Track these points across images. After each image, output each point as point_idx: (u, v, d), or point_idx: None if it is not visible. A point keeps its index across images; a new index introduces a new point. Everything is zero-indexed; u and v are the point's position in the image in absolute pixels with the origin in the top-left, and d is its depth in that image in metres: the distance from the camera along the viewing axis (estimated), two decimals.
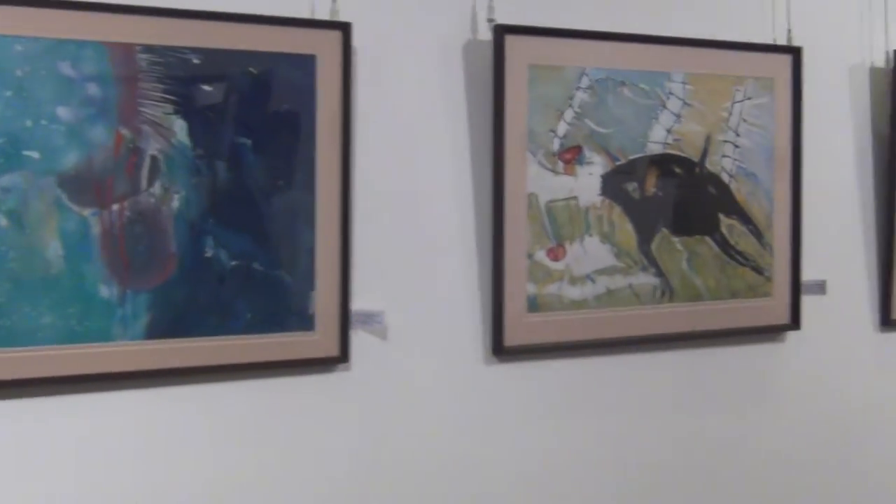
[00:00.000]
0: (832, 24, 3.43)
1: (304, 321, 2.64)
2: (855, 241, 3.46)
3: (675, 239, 3.10)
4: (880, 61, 3.48)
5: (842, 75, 3.44)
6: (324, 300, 2.65)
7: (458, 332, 2.85)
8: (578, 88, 2.95)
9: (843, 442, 3.46)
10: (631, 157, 3.03)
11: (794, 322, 3.31)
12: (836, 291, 3.41)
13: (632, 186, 3.03)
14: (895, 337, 3.53)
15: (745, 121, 3.20)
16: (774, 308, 3.28)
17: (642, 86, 3.04)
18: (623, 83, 3.01)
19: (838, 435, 3.45)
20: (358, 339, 2.72)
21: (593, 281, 2.99)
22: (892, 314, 3.49)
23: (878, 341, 3.51)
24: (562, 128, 2.93)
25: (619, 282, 3.02)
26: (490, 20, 2.86)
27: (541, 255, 2.91)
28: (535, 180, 2.89)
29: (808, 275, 3.34)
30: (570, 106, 2.94)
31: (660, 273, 3.08)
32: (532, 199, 2.89)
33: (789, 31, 3.30)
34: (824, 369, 3.42)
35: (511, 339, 2.88)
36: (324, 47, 2.63)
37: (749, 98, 3.21)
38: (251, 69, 2.56)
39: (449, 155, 2.83)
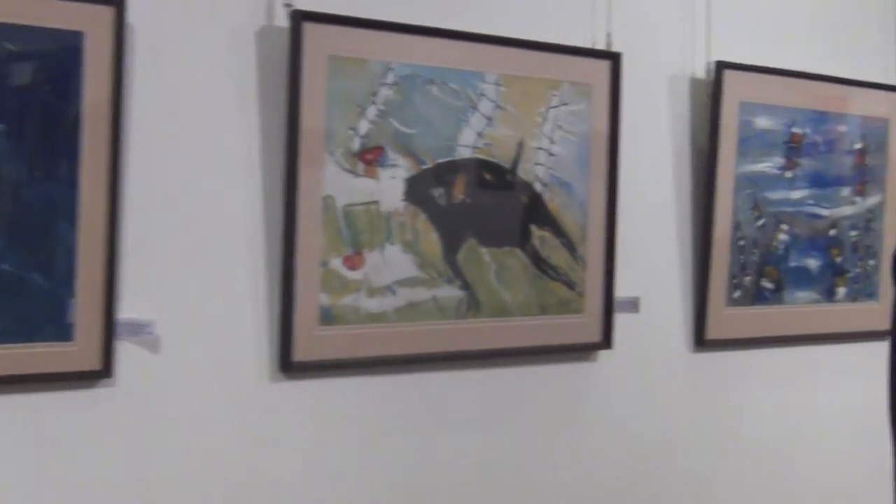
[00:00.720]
0: (653, 31, 3.30)
1: (62, 330, 2.34)
2: (670, 258, 3.34)
3: (484, 250, 2.91)
4: (701, 72, 3.37)
5: (661, 85, 3.32)
6: (85, 307, 2.35)
7: (242, 346, 2.59)
8: (383, 84, 2.73)
9: (655, 465, 3.33)
10: (438, 161, 2.83)
11: (606, 341, 3.16)
12: (650, 310, 3.28)
13: (438, 192, 2.83)
14: (708, 357, 3.43)
15: (560, 127, 3.04)
16: (586, 326, 3.13)
17: (452, 85, 2.84)
18: (432, 81, 2.81)
19: (650, 458, 3.32)
20: (125, 351, 2.44)
21: (394, 292, 2.77)
22: (705, 334, 3.38)
23: (691, 362, 3.40)
24: (363, 126, 2.70)
25: (421, 294, 2.81)
26: (287, 5, 2.61)
27: (336, 264, 2.68)
28: (332, 182, 2.66)
29: (621, 291, 3.19)
30: (374, 103, 2.72)
31: (466, 286, 2.88)
32: (328, 202, 2.65)
33: (609, 35, 3.16)
34: (636, 391, 3.28)
35: (301, 353, 2.64)
36: (92, 24, 2.33)
37: (565, 104, 3.05)
38: (7, 45, 2.26)
39: (237, 151, 2.58)
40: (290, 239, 2.59)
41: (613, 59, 3.12)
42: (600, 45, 3.14)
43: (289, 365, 2.62)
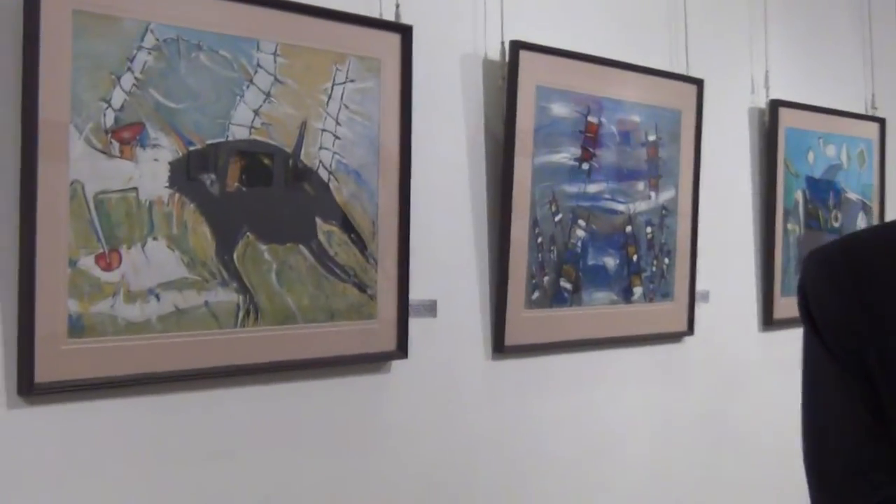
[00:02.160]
0: (443, 5, 2.99)
1: None
2: (468, 256, 3.03)
3: (263, 247, 2.51)
4: (495, 53, 3.09)
5: (454, 64, 3.01)
6: None
7: None
8: (141, 48, 2.29)
9: (455, 483, 3.00)
10: (209, 142, 2.41)
11: (402, 349, 2.81)
12: (448, 314, 2.95)
13: (209, 179, 2.41)
14: (507, 364, 3.13)
15: (346, 107, 2.67)
16: (379, 332, 2.76)
17: (224, 53, 2.43)
18: (199, 47, 2.38)
19: (449, 476, 2.98)
20: None
21: (158, 297, 2.32)
22: (504, 340, 3.09)
23: (491, 368, 3.09)
24: (118, 97, 2.25)
25: (191, 299, 2.38)
26: None
27: (88, 263, 2.21)
28: (80, 164, 2.19)
29: (416, 294, 2.85)
30: (130, 70, 2.27)
31: (244, 289, 2.47)
32: (76, 188, 2.19)
33: (398, 6, 2.82)
34: (433, 403, 2.94)
35: (44, 373, 2.15)
36: None
37: (352, 80, 2.68)
38: None
39: None
40: (29, 234, 2.11)
41: (404, 32, 2.79)
42: (389, 17, 2.80)
43: (30, 387, 2.13)
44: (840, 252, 1.31)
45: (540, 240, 3.18)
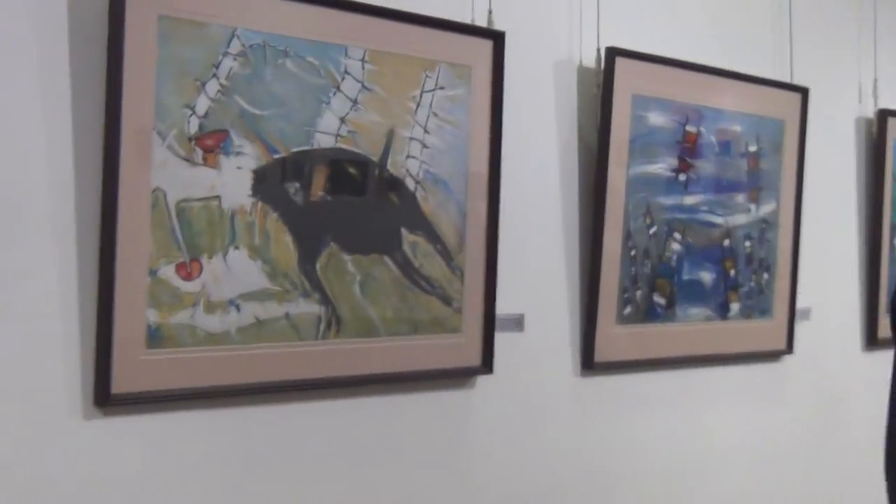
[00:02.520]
0: (538, 11, 2.90)
1: None
2: (557, 269, 2.94)
3: (347, 257, 2.45)
4: (590, 60, 2.99)
5: (547, 72, 2.92)
6: None
7: (47, 375, 2.06)
8: (227, 54, 2.25)
9: (541, 502, 2.91)
10: (294, 150, 2.36)
11: (487, 364, 2.73)
12: (535, 328, 2.86)
13: (293, 188, 2.36)
14: (597, 381, 3.03)
15: (435, 115, 2.60)
16: (464, 347, 2.69)
17: (311, 59, 2.38)
18: (286, 53, 2.34)
19: (535, 495, 2.89)
20: None
21: (238, 308, 2.28)
22: (594, 356, 2.99)
23: (579, 386, 3.00)
24: (202, 104, 2.21)
25: (272, 310, 2.33)
26: None
27: (168, 272, 2.18)
28: (162, 172, 2.16)
29: (503, 308, 2.77)
30: (216, 76, 2.23)
31: (326, 300, 2.41)
32: (158, 196, 2.15)
33: (490, 12, 2.74)
34: (520, 420, 2.85)
35: (122, 384, 2.12)
36: None
37: (441, 88, 2.61)
38: None
39: (42, 132, 2.05)
40: (109, 241, 2.08)
41: (496, 38, 2.71)
42: (481, 23, 2.72)
43: (107, 398, 2.10)
44: None
45: (633, 253, 3.08)
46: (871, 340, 3.93)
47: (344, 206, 2.43)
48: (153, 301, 2.15)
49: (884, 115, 3.92)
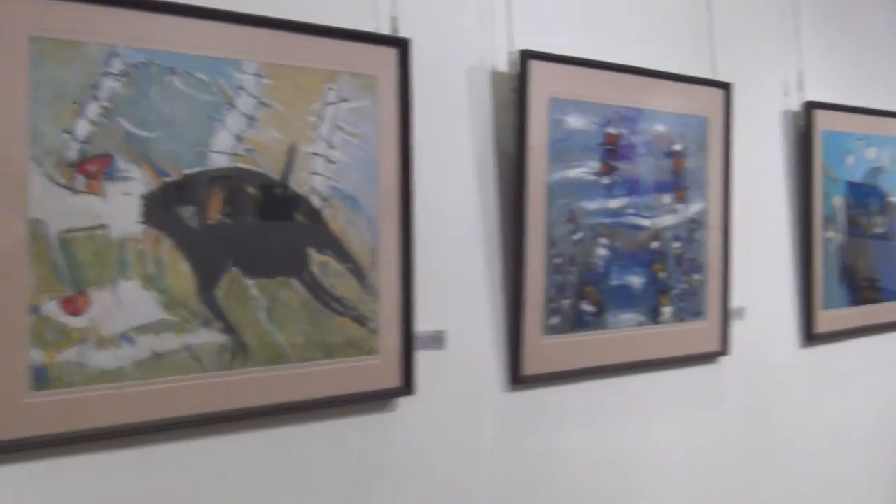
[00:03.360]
0: (446, 16, 2.80)
1: None
2: (477, 281, 2.83)
3: (250, 282, 2.33)
4: (502, 64, 2.89)
5: (458, 79, 2.81)
6: None
7: None
8: (107, 74, 2.12)
9: None
10: (186, 172, 2.23)
11: (407, 385, 2.62)
12: (458, 345, 2.76)
13: (188, 212, 2.23)
14: (526, 396, 2.93)
15: (340, 129, 2.48)
16: (382, 368, 2.57)
17: (201, 76, 2.25)
18: (173, 70, 2.21)
19: None
20: None
21: (132, 342, 2.15)
22: (521, 370, 2.89)
23: (507, 401, 2.89)
24: (82, 128, 2.08)
25: (170, 342, 2.20)
26: None
27: (52, 308, 2.04)
28: (41, 202, 2.02)
29: (423, 325, 2.66)
30: (95, 98, 2.10)
31: (229, 328, 2.29)
32: (37, 228, 2.02)
33: (394, 19, 2.63)
34: (445, 441, 2.74)
35: (5, 431, 1.98)
36: None
37: (345, 100, 2.50)
38: None
39: None
40: None
41: (401, 46, 2.60)
42: (385, 30, 2.61)
43: None
44: None
45: (558, 260, 2.98)
46: (808, 336, 3.87)
47: (244, 228, 2.31)
48: (37, 340, 2.01)
49: (810, 107, 3.86)
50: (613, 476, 3.17)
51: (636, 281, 3.21)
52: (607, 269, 3.12)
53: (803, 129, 3.87)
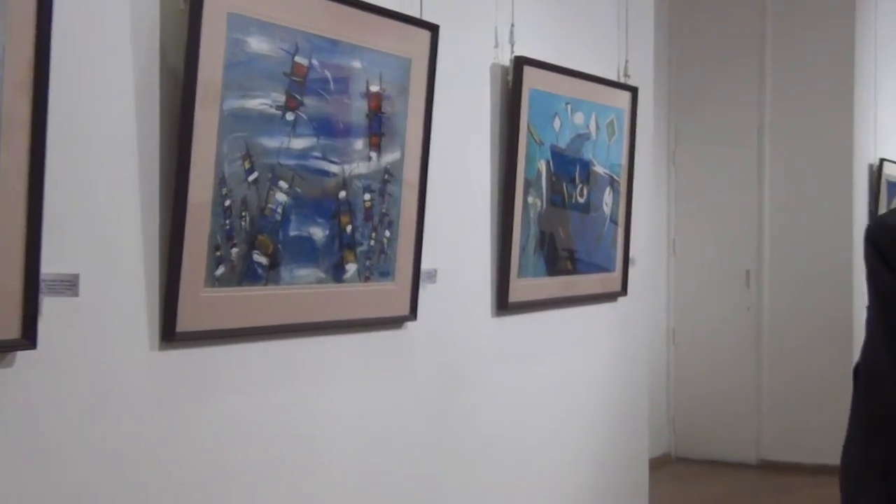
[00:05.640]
0: None
1: None
2: (128, 223, 2.41)
3: None
4: None
5: None
6: None
7: None
8: None
9: None
10: None
11: (28, 337, 2.14)
12: (95, 293, 2.32)
13: None
14: (180, 356, 2.54)
15: None
16: None
17: None
18: None
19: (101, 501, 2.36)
20: None
21: None
22: (176, 325, 2.49)
23: (158, 362, 2.49)
24: None
25: None
26: None
27: None
28: None
29: (51, 268, 2.21)
30: None
31: None
32: None
33: None
34: (75, 410, 2.30)
35: None
36: None
37: None
38: None
39: None
40: None
41: None
42: None
43: None
44: None
45: (228, 203, 2.60)
46: (502, 305, 3.66)
47: None
48: None
49: (520, 62, 3.63)
50: (278, 449, 2.82)
51: (318, 233, 2.88)
52: (286, 217, 2.77)
53: (512, 85, 3.64)
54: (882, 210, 6.81)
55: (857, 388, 1.72)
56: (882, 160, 6.84)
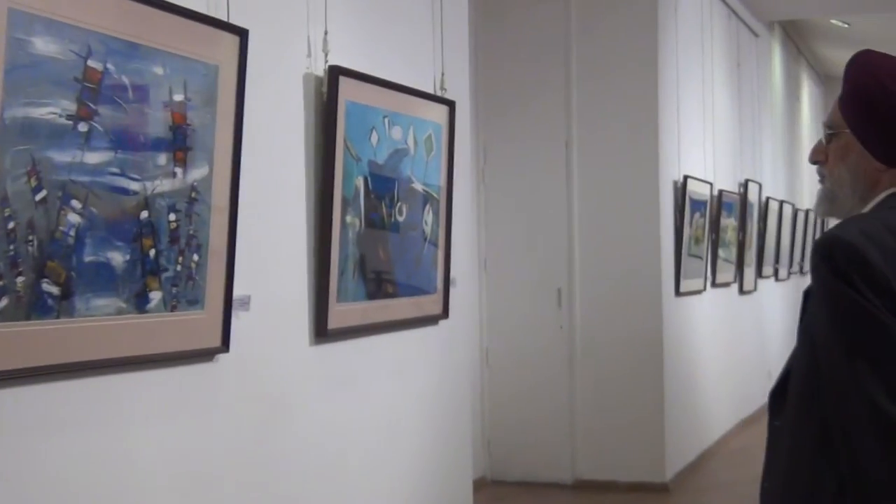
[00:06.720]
0: None
1: None
2: None
3: None
4: None
5: None
6: None
7: None
8: None
9: None
10: None
11: None
12: None
13: None
14: None
15: None
16: None
17: None
18: None
19: None
20: None
21: None
22: None
23: None
24: None
25: None
26: None
27: None
28: None
29: None
30: None
31: None
32: None
33: None
34: None
35: None
36: None
37: None
38: None
39: None
40: None
41: None
42: None
43: None
44: (858, 232, 1.62)
45: (11, 225, 2.28)
46: (321, 332, 3.41)
47: None
48: None
49: (335, 72, 3.40)
50: (84, 500, 2.49)
51: (118, 258, 2.57)
52: (80, 240, 2.46)
53: (327, 96, 3.40)
54: (686, 228, 6.87)
55: (785, 412, 1.69)
56: (686, 177, 6.89)
